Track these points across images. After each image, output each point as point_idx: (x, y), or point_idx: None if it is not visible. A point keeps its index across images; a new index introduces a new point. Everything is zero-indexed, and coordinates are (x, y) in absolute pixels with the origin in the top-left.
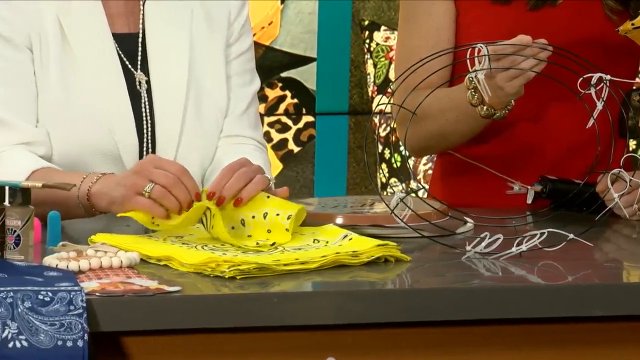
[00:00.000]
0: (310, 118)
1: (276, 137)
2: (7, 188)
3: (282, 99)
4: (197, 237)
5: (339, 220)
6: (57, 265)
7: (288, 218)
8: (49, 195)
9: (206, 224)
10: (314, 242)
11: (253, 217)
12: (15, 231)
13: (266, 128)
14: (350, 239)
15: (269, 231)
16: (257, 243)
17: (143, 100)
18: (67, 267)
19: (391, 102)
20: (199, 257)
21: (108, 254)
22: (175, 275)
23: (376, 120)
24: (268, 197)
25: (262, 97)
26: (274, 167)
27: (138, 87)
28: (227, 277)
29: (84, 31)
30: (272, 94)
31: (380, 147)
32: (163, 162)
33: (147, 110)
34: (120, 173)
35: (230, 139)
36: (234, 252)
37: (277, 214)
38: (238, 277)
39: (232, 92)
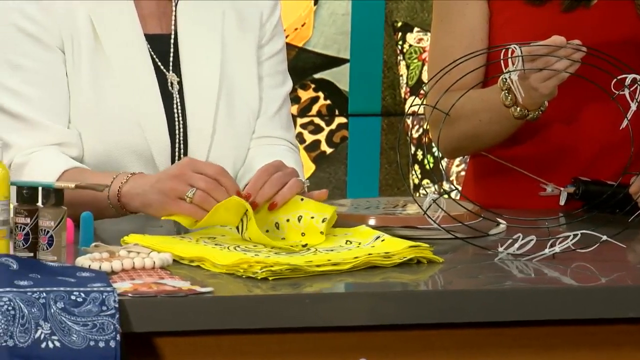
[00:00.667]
0: (343, 119)
1: (309, 138)
2: (40, 189)
3: (315, 100)
4: (230, 238)
5: (372, 222)
6: (89, 266)
7: (323, 221)
8: (80, 195)
9: (241, 228)
10: (346, 243)
11: (287, 220)
12: (48, 232)
13: (299, 129)
14: (383, 240)
15: (303, 234)
16: (291, 247)
17: (175, 101)
18: (100, 267)
19: (424, 103)
20: (231, 258)
21: (141, 254)
22: (207, 276)
23: (409, 121)
24: (302, 199)
25: (295, 99)
26: (307, 168)
27: (170, 88)
28: (259, 278)
29: (116, 32)
30: (305, 95)
31: (412, 149)
32: (201, 165)
33: (179, 111)
34: (155, 175)
35: (262, 140)
36: (266, 253)
37: (312, 217)
38: (270, 278)
39: (264, 93)
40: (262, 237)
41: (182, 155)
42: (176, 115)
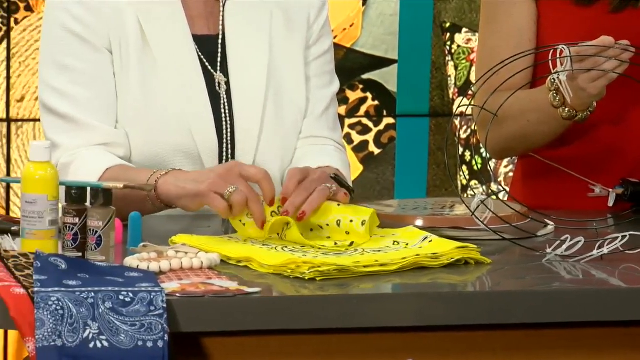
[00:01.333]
0: (391, 120)
1: (357, 138)
2: (89, 189)
3: (362, 100)
4: (277, 238)
5: (419, 222)
6: (137, 266)
7: (362, 224)
8: (119, 190)
9: (281, 233)
10: (393, 244)
11: (327, 224)
12: (96, 232)
13: (347, 130)
14: (430, 241)
15: (347, 233)
16: (336, 243)
17: (222, 101)
18: (148, 267)
19: (472, 104)
20: (278, 258)
21: (188, 254)
22: (255, 276)
23: (457, 122)
24: (338, 204)
25: (343, 99)
26: (355, 169)
27: (217, 88)
28: (306, 278)
29: (164, 33)
30: (353, 95)
31: (460, 149)
32: (246, 168)
33: (227, 111)
34: (197, 171)
35: (309, 140)
36: (314, 254)
37: (351, 221)
38: (318, 279)
39: (311, 93)
40: (303, 240)
41: (229, 156)
42: (223, 115)
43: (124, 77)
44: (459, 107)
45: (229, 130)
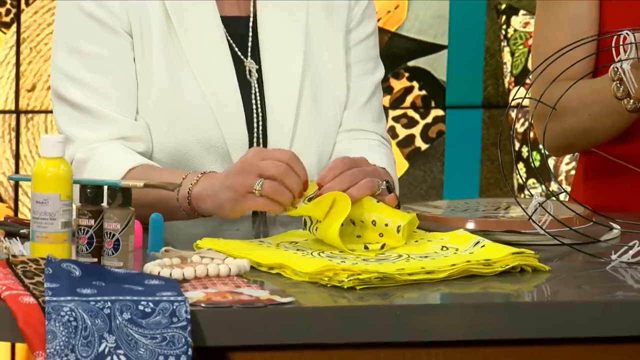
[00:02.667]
0: (439, 112)
1: (402, 132)
2: (105, 188)
3: (408, 90)
4: (313, 242)
5: (470, 226)
6: (159, 273)
7: (398, 230)
8: (147, 194)
9: (311, 226)
10: (442, 249)
11: (362, 221)
12: (114, 235)
13: (391, 123)
14: (483, 246)
15: (381, 235)
16: (366, 247)
17: (253, 91)
18: (170, 274)
19: (528, 96)
20: (314, 265)
21: (215, 260)
22: (288, 284)
23: (513, 114)
24: (378, 201)
25: (386, 89)
26: (400, 165)
27: (248, 76)
28: (345, 287)
29: (190, 14)
30: (397, 85)
31: (517, 145)
32: (269, 152)
33: (258, 102)
34: (223, 171)
35: (350, 134)
36: (354, 260)
37: (386, 224)
38: (358, 288)
39: (352, 81)
40: (334, 238)
41: (260, 143)
42: (254, 106)
43: (145, 62)
44: (514, 97)
45: (260, 122)
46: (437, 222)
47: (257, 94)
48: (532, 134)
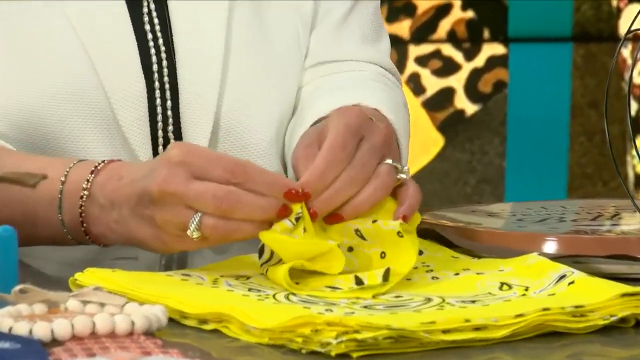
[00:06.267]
0: (498, 48)
1: (432, 84)
2: None
3: (444, 10)
4: (277, 276)
5: (551, 247)
6: (10, 329)
7: (400, 235)
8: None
9: (268, 262)
10: (501, 288)
11: (356, 232)
12: None
13: (412, 66)
14: (571, 282)
15: (383, 255)
16: (359, 280)
17: (148, 27)
18: (31, 332)
19: None
20: (280, 315)
21: (107, 308)
22: (234, 350)
23: (626, 52)
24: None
25: (404, 7)
26: (426, 138)
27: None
28: (333, 354)
29: None
30: (424, 2)
31: (635, 106)
32: (201, 162)
33: (159, 32)
34: (130, 182)
35: (325, 67)
36: (347, 307)
37: (374, 221)
38: (355, 355)
39: None
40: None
41: (167, 117)
42: (151, 36)
43: None
44: (630, 30)
45: (162, 64)
46: (493, 240)
47: (158, 27)
48: None
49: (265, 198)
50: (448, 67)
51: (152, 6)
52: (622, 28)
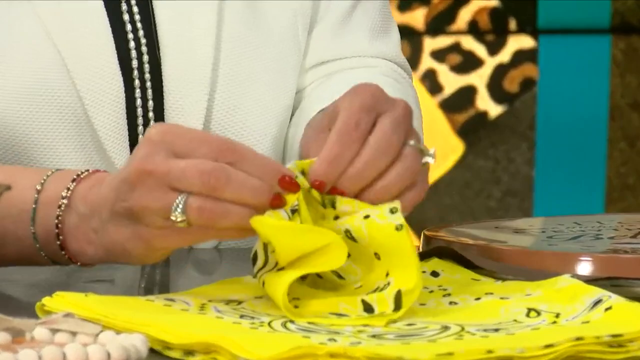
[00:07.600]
0: (527, 40)
1: (451, 82)
2: None
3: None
4: (270, 302)
5: (585, 268)
6: None
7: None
8: None
9: (263, 268)
10: (528, 314)
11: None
12: None
13: (428, 61)
14: (608, 308)
15: (377, 256)
16: (368, 306)
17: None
18: None
19: None
20: (276, 345)
21: (78, 337)
22: None
23: None
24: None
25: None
26: (446, 146)
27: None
28: None
29: None
30: None
31: None
32: (184, 140)
33: (140, 23)
34: (110, 180)
35: (329, 66)
36: (354, 337)
37: (367, 216)
38: None
39: None
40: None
41: (148, 114)
42: (130, 25)
43: None
44: None
45: (143, 60)
46: (519, 261)
47: (138, 15)
48: None
49: (258, 180)
50: (469, 63)
51: None
52: None
